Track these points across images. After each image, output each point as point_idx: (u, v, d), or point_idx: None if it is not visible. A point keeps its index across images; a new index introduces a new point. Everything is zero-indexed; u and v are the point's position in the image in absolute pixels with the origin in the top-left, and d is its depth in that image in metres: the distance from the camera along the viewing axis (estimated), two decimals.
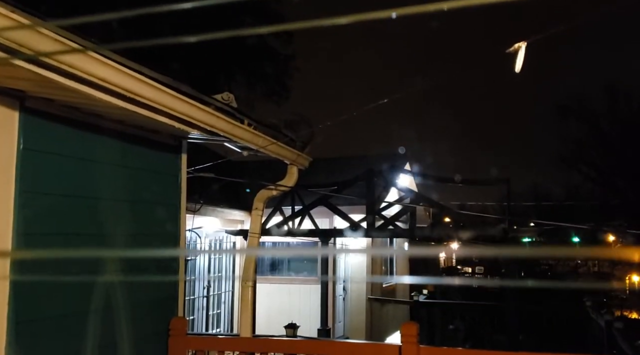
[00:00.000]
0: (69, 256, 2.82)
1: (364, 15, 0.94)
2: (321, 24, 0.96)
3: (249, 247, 4.65)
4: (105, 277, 3.13)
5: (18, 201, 2.58)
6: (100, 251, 3.11)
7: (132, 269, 3.31)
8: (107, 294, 3.15)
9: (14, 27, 1.69)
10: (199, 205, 7.66)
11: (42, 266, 2.71)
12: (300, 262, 11.39)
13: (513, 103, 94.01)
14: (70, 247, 2.91)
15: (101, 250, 3.13)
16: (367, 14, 0.94)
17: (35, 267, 2.69)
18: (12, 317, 2.53)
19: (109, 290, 3.16)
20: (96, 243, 3.12)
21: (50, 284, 2.76)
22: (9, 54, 1.76)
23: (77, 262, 2.90)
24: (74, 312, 2.90)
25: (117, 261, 3.20)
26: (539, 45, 2.58)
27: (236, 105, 3.70)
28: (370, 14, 0.94)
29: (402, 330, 3.22)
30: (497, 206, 17.12)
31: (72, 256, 2.85)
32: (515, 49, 2.33)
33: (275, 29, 2.01)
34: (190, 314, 9.13)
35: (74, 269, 2.90)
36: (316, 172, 7.47)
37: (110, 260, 3.14)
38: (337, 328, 10.96)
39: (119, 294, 3.21)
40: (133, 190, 3.42)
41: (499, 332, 10.53)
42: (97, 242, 3.12)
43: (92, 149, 3.07)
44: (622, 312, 20.60)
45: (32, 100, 2.64)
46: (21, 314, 2.58)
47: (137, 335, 3.33)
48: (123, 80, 2.34)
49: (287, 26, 1.09)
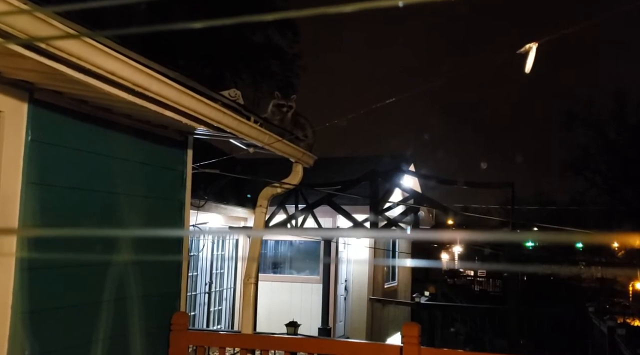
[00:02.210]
0: (72, 244, 2.84)
1: (370, 3, 0.93)
2: (326, 12, 0.96)
3: (252, 244, 4.65)
4: (107, 270, 3.14)
5: (25, 193, 2.60)
6: (103, 237, 3.12)
7: (135, 263, 3.32)
8: (109, 287, 3.16)
9: (13, 12, 1.68)
10: (204, 201, 7.68)
11: (47, 259, 2.72)
12: (302, 261, 11.40)
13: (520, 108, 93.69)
14: (74, 240, 2.93)
15: (104, 241, 3.15)
16: (373, 3, 0.93)
17: (40, 259, 2.70)
18: (16, 308, 2.55)
19: (111, 284, 3.17)
20: (100, 236, 3.13)
21: (54, 277, 2.78)
22: (6, 39, 1.75)
23: (80, 256, 2.91)
24: (76, 304, 2.92)
25: (120, 255, 3.21)
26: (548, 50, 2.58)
27: (243, 102, 3.70)
28: (376, 2, 0.93)
29: (403, 330, 3.22)
30: (501, 209, 17.07)
31: (76, 246, 2.86)
32: (525, 50, 2.33)
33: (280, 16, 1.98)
34: (191, 310, 9.15)
35: (77, 262, 2.92)
36: (320, 171, 7.47)
37: (113, 253, 3.16)
38: (337, 328, 10.96)
39: (121, 288, 3.23)
40: (138, 184, 3.43)
41: (500, 336, 10.52)
42: (99, 234, 3.13)
43: (99, 142, 3.08)
44: (625, 319, 20.51)
45: (40, 93, 2.65)
46: (25, 305, 2.59)
47: (139, 329, 3.34)
48: (131, 74, 2.34)
49: (292, 14, 1.08)
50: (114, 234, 3.20)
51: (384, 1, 0.91)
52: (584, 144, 29.21)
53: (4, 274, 2.51)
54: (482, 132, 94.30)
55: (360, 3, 0.91)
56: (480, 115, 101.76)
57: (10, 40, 1.74)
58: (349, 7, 0.91)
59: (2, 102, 2.50)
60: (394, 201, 10.81)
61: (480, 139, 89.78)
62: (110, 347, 3.12)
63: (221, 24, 0.97)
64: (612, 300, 27.22)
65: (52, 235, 2.81)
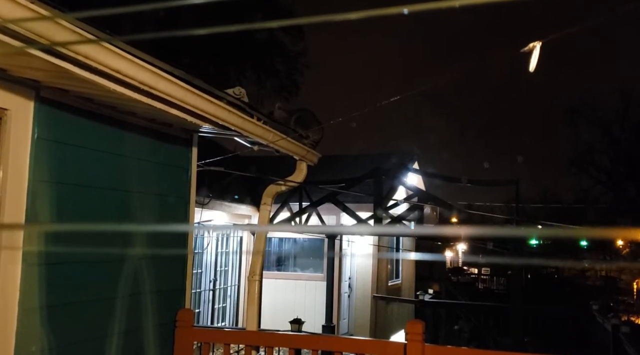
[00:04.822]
0: (78, 242, 2.86)
1: (375, 11, 0.93)
2: (332, 19, 0.97)
3: (256, 241, 4.67)
4: (113, 267, 3.16)
5: (31, 190, 2.61)
6: (108, 234, 3.14)
7: (140, 260, 3.34)
8: (115, 284, 3.18)
9: (34, 19, 1.72)
10: (208, 199, 7.70)
11: (53, 256, 2.74)
12: (306, 259, 11.42)
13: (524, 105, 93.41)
14: (80, 238, 2.95)
15: (109, 238, 3.16)
16: (378, 10, 0.94)
17: (46, 256, 2.72)
18: (23, 304, 2.57)
19: (116, 281, 3.19)
20: (105, 233, 3.15)
21: (60, 273, 2.80)
22: (26, 43, 1.79)
23: (86, 253, 2.93)
24: (82, 301, 2.94)
25: (125, 252, 3.23)
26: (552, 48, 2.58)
27: (247, 100, 3.72)
28: (382, 10, 0.94)
29: (407, 327, 3.23)
30: (505, 207, 17.04)
31: (81, 244, 2.88)
32: (530, 49, 2.33)
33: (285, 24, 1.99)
34: (196, 307, 9.18)
35: (83, 259, 2.93)
36: (324, 169, 7.48)
37: (118, 250, 3.18)
38: (341, 325, 10.98)
39: (127, 285, 3.25)
40: (144, 182, 3.45)
41: (503, 334, 10.51)
42: (105, 232, 3.15)
43: (104, 140, 3.10)
44: (629, 317, 20.47)
45: (47, 91, 2.67)
46: (31, 302, 2.62)
47: (144, 326, 3.36)
48: (137, 73, 2.36)
49: (298, 21, 1.10)
50: (119, 231, 3.22)
51: (388, 9, 0.92)
52: (588, 141, 29.17)
53: (11, 271, 2.54)
54: (486, 130, 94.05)
55: (365, 11, 0.92)
56: (485, 113, 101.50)
57: (32, 46, 1.78)
58: (354, 14, 0.92)
59: (9, 100, 2.52)
60: (398, 199, 10.80)
61: (485, 137, 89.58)
62: (117, 343, 3.14)
63: (225, 31, 0.98)
64: (616, 298, 27.16)
65: (58, 232, 2.83)
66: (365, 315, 11.39)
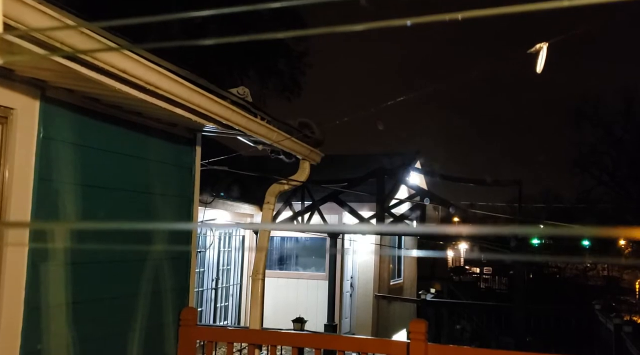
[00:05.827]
0: (82, 241, 2.88)
1: (380, 23, 0.95)
2: (337, 31, 0.98)
3: (259, 240, 4.68)
4: (117, 266, 3.18)
5: (37, 189, 2.63)
6: (113, 233, 3.16)
7: (144, 259, 3.36)
8: (119, 283, 3.20)
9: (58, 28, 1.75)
10: (212, 198, 7.72)
11: (58, 254, 2.76)
12: (308, 258, 11.44)
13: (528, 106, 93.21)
14: (85, 236, 2.96)
15: (114, 237, 3.18)
16: (382, 22, 0.95)
17: (51, 254, 2.74)
18: (28, 302, 2.59)
19: (120, 280, 3.21)
20: (110, 232, 3.16)
21: (65, 272, 2.81)
22: (48, 50, 1.82)
23: (91, 251, 2.95)
24: (85, 300, 2.95)
25: (129, 251, 3.25)
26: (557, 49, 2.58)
27: (251, 100, 3.73)
28: (386, 22, 0.96)
29: (410, 327, 3.24)
30: (507, 207, 17.03)
31: (86, 243, 2.90)
32: (536, 50, 2.33)
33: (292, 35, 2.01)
34: (198, 306, 9.21)
35: (88, 258, 2.95)
36: (327, 168, 7.49)
37: (123, 249, 3.19)
38: (343, 324, 10.99)
39: (131, 283, 3.27)
40: (148, 181, 3.47)
41: (506, 334, 10.51)
42: (111, 231, 3.16)
43: (109, 139, 3.12)
44: (631, 317, 20.44)
45: (53, 90, 2.69)
46: (36, 300, 2.63)
47: (148, 324, 3.38)
48: (143, 73, 2.37)
49: (304, 32, 1.11)
50: (124, 230, 3.24)
51: (392, 21, 0.94)
52: (591, 141, 29.12)
53: (16, 269, 2.55)
54: (489, 131, 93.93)
55: (369, 23, 0.93)
56: (488, 114, 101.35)
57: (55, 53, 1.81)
58: (361, 26, 0.94)
59: (15, 99, 2.54)
60: (400, 198, 10.81)
61: (488, 138, 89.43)
62: (120, 341, 3.16)
63: (233, 41, 1.00)
64: (619, 297, 27.13)
65: (63, 231, 2.84)
66: (367, 315, 11.40)
